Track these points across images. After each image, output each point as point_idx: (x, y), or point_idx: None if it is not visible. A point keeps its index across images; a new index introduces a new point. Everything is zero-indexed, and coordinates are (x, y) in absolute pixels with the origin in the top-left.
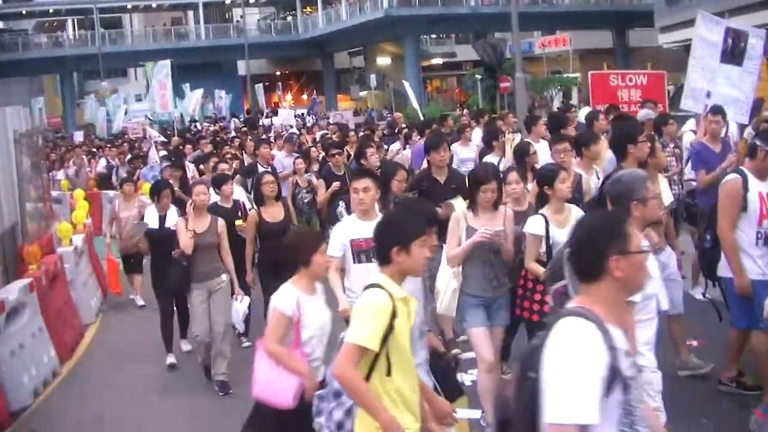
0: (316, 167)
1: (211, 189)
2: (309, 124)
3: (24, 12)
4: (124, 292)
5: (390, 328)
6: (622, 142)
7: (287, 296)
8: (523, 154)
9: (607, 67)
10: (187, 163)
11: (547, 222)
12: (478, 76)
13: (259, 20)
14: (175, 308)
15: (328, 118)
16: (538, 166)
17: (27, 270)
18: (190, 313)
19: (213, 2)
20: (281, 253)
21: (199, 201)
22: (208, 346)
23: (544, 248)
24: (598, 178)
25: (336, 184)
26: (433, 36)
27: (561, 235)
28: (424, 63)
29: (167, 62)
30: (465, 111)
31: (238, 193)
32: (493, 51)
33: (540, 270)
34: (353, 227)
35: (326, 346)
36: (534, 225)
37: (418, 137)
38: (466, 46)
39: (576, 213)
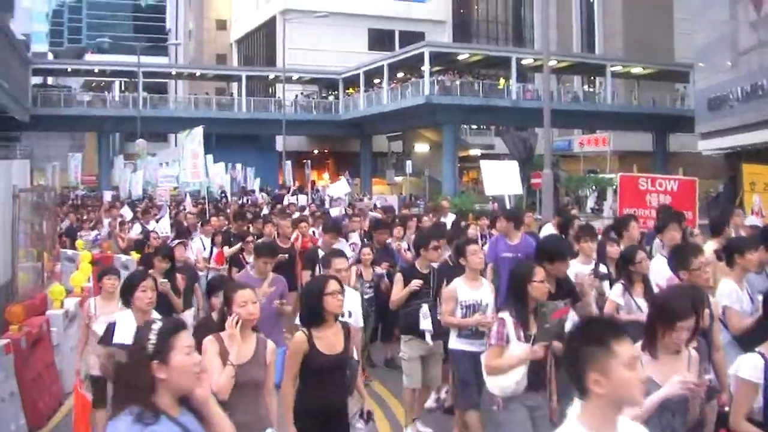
0: None
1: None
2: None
3: (69, 69)
4: None
5: None
6: None
7: (753, 362)
8: (627, 261)
9: (637, 169)
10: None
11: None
12: None
13: (297, 95)
14: None
15: (362, 200)
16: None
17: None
18: None
19: (257, 76)
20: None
21: (247, 315)
22: None
23: (761, 401)
24: (749, 294)
25: (417, 283)
26: (473, 127)
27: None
28: (462, 153)
29: (200, 129)
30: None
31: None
32: (522, 144)
33: None
34: None
35: None
36: (752, 366)
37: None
38: None
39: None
